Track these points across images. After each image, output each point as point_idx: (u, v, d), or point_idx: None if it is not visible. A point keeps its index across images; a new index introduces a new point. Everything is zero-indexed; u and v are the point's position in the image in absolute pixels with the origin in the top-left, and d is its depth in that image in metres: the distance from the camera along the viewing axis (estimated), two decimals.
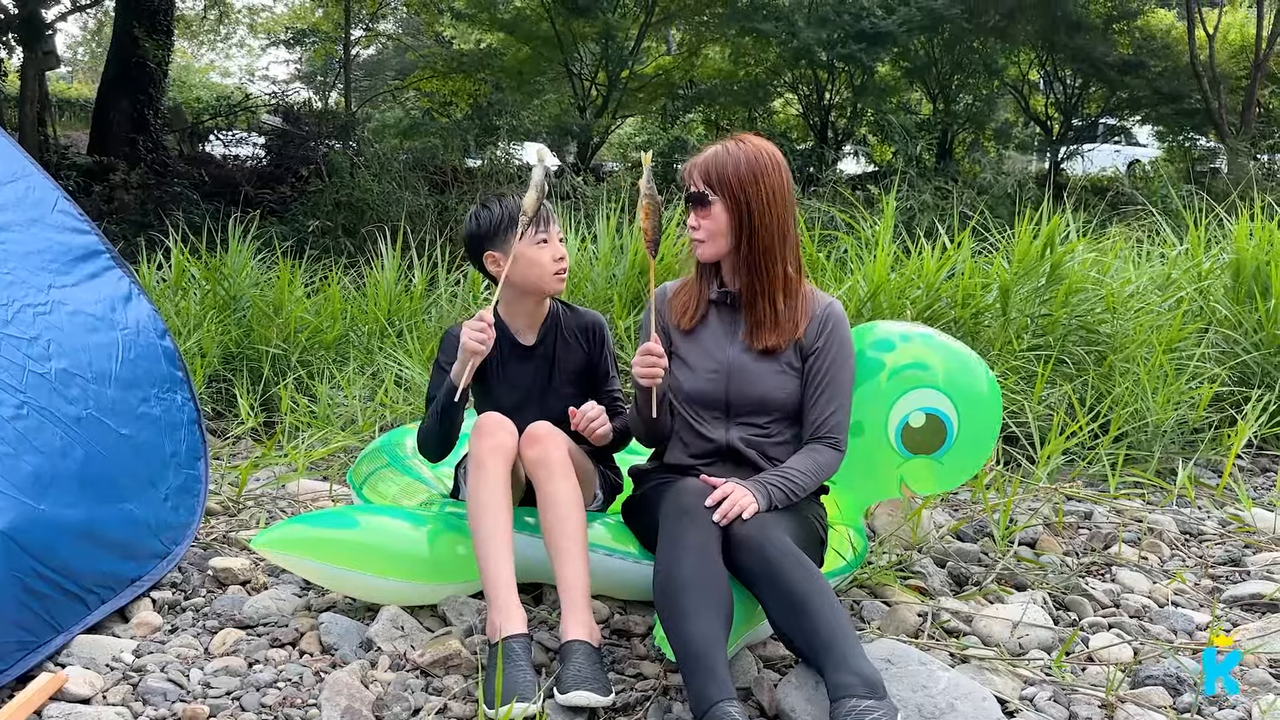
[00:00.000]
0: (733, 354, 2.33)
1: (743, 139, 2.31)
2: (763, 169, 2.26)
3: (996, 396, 2.57)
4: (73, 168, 11.40)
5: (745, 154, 2.26)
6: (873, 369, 2.52)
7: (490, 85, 15.06)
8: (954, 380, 2.50)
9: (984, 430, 2.54)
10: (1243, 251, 4.67)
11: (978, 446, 2.55)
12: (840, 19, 13.38)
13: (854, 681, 1.80)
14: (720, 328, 2.36)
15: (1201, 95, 14.18)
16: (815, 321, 2.33)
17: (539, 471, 2.21)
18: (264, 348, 4.56)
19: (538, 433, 2.25)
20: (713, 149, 2.31)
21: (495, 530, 2.16)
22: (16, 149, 2.83)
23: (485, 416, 2.29)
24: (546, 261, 2.40)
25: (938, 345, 2.58)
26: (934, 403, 2.49)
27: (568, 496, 2.19)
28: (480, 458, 2.21)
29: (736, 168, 2.25)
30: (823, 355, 2.31)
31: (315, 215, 10.08)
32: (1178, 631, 2.47)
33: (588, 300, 4.51)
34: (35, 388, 2.26)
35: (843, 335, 2.34)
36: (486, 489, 2.18)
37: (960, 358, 2.56)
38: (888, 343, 2.57)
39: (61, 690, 1.98)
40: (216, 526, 2.97)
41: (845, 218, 5.35)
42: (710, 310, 2.38)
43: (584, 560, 2.15)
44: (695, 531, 2.02)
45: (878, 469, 2.56)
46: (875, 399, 2.50)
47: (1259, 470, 4.00)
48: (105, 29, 22.66)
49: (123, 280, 2.83)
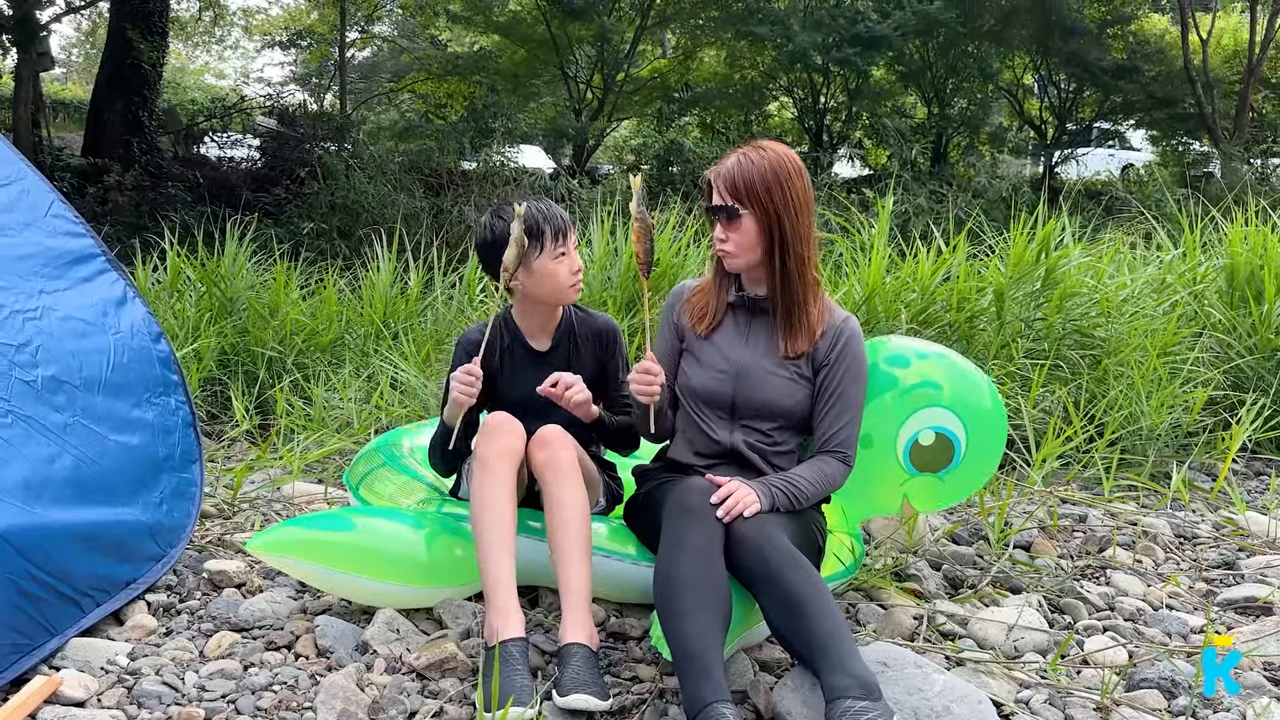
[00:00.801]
0: (744, 356, 2.33)
1: (762, 146, 2.28)
2: (788, 176, 2.25)
3: (1002, 418, 2.58)
4: (67, 169, 11.38)
5: (770, 162, 2.24)
6: (886, 384, 2.52)
7: (486, 88, 15.06)
8: (964, 400, 2.51)
9: (989, 451, 2.56)
10: (1237, 256, 4.68)
11: (981, 467, 2.57)
12: (835, 23, 13.40)
13: (849, 683, 1.81)
14: (735, 330, 2.36)
15: (1195, 100, 14.23)
16: (830, 334, 2.32)
17: (547, 473, 2.21)
18: (260, 350, 4.55)
19: (547, 436, 2.25)
20: (734, 158, 2.28)
21: (499, 532, 2.16)
22: (11, 151, 2.83)
23: (493, 416, 2.28)
24: (564, 275, 2.39)
25: (950, 365, 2.59)
26: (944, 422, 2.49)
27: (574, 499, 2.19)
28: (487, 459, 2.20)
29: (764, 178, 2.23)
30: (835, 369, 2.31)
31: (310, 218, 10.07)
32: (1172, 634, 2.48)
33: (583, 302, 4.49)
34: (21, 396, 2.26)
35: (857, 350, 2.33)
36: (492, 491, 2.18)
37: (970, 379, 2.57)
38: (903, 359, 2.57)
39: (56, 693, 1.97)
40: (212, 529, 2.96)
41: (840, 221, 5.35)
42: (726, 313, 2.38)
43: (587, 564, 2.15)
44: (697, 531, 2.02)
45: (882, 484, 2.57)
46: (886, 415, 2.51)
47: (1253, 474, 4.01)
48: (100, 30, 22.58)
49: (117, 283, 2.83)
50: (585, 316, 2.55)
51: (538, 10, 14.42)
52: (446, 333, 4.69)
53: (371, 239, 5.98)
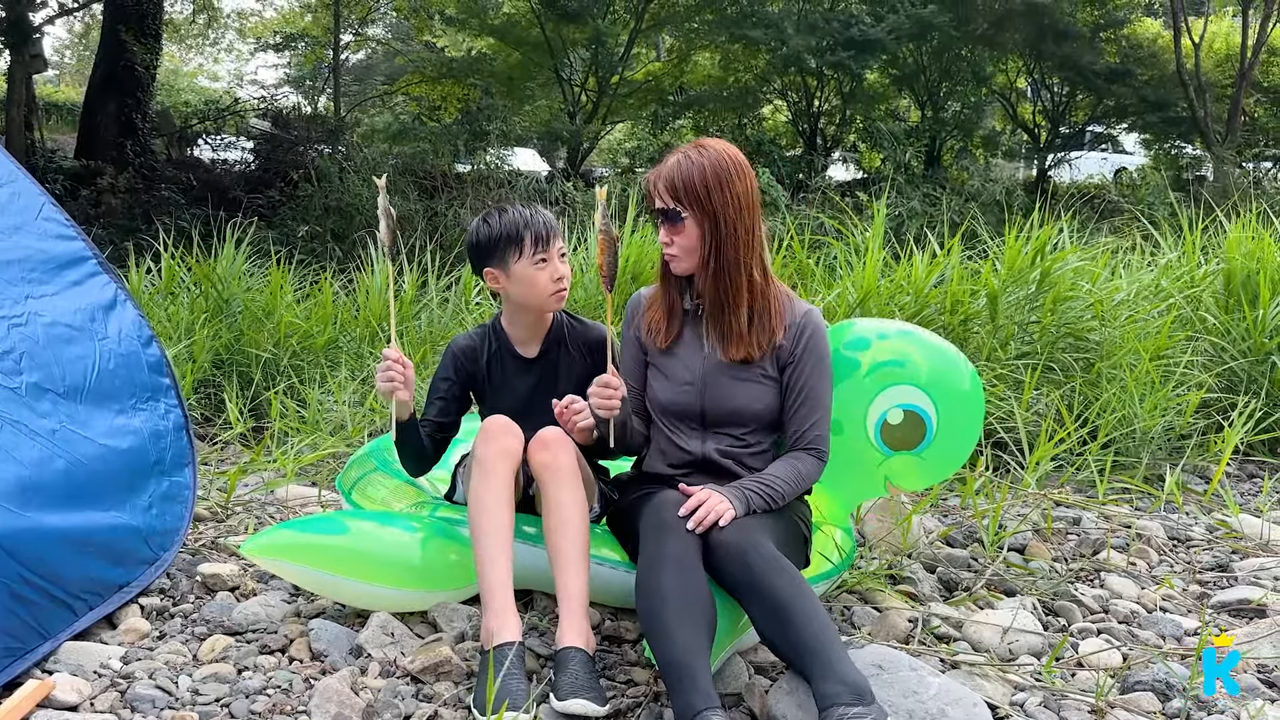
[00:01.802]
0: (707, 366, 2.31)
1: (703, 145, 2.24)
2: (728, 176, 2.20)
3: (977, 388, 2.57)
4: (60, 171, 11.36)
5: (710, 162, 2.20)
6: (849, 368, 2.52)
7: (480, 90, 15.05)
8: (930, 375, 2.51)
9: (965, 423, 2.54)
10: (1233, 260, 4.69)
11: (960, 439, 2.55)
12: (829, 26, 13.43)
13: (840, 690, 1.80)
14: (694, 339, 2.34)
15: (1188, 103, 14.28)
16: (793, 330, 2.30)
17: (546, 475, 2.20)
18: (254, 352, 4.54)
19: (548, 437, 2.24)
20: (674, 159, 2.23)
21: (497, 536, 2.15)
22: (1, 154, 2.82)
23: (492, 420, 2.28)
24: (544, 282, 2.38)
25: (914, 341, 2.59)
26: (911, 399, 2.49)
27: (573, 502, 2.18)
28: (486, 461, 2.20)
29: (703, 178, 2.19)
30: (800, 366, 2.29)
31: (304, 220, 10.06)
32: (1166, 637, 2.48)
33: (578, 306, 4.51)
34: (6, 401, 2.25)
35: (821, 344, 2.31)
36: (491, 493, 2.18)
37: (937, 352, 2.57)
38: (863, 341, 2.57)
39: (49, 697, 1.96)
40: (205, 532, 2.95)
41: (835, 224, 5.36)
42: (684, 322, 2.36)
43: (585, 568, 2.15)
44: (674, 543, 2.02)
45: (860, 468, 2.56)
46: (853, 398, 2.51)
47: (1245, 476, 4.02)
48: (93, 32, 22.56)
49: (108, 286, 2.82)
50: (578, 325, 2.54)
51: (532, 13, 14.42)
52: (441, 336, 4.68)
53: (366, 241, 5.98)
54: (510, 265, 2.37)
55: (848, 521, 2.65)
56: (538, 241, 2.36)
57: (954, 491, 3.50)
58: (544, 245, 2.37)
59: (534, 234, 2.36)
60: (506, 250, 2.37)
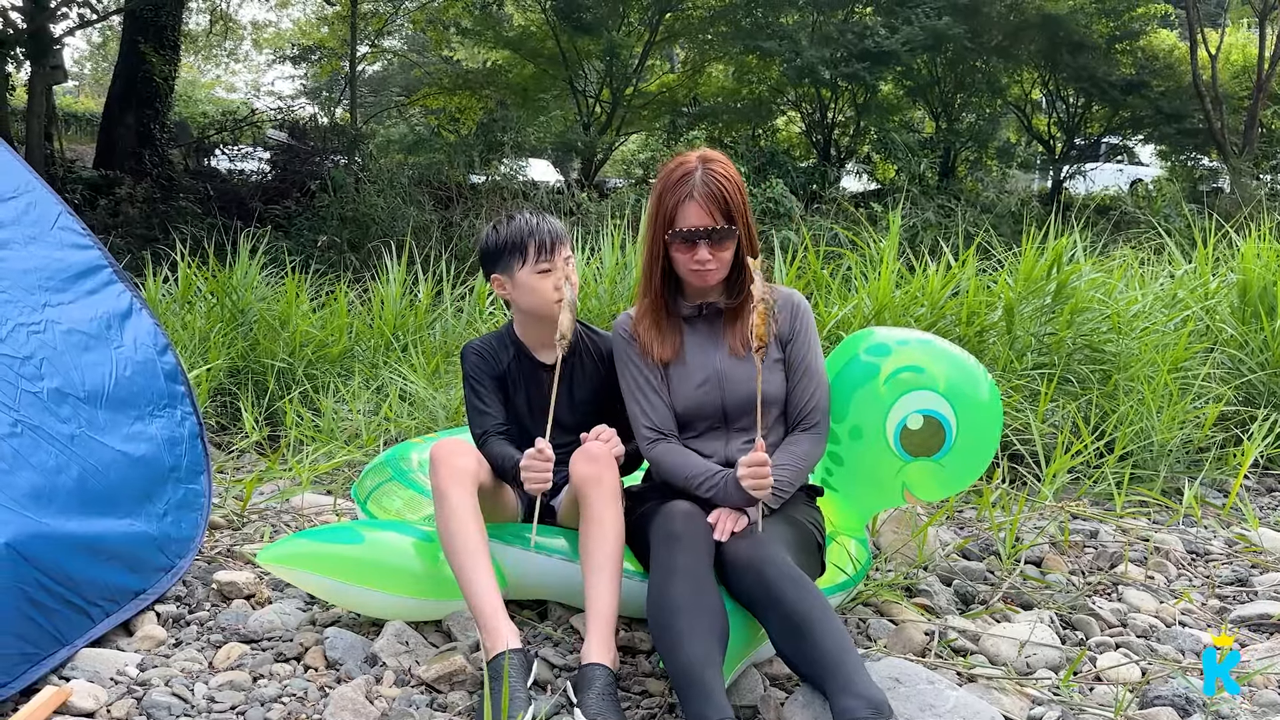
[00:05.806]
0: (720, 362, 2.33)
1: (716, 158, 2.29)
2: (742, 185, 2.29)
3: (995, 398, 2.56)
4: (78, 181, 11.45)
5: (732, 174, 2.28)
6: (869, 374, 2.52)
7: (495, 102, 15.13)
8: (949, 382, 2.50)
9: (984, 432, 2.53)
10: (1250, 271, 4.67)
11: (978, 449, 2.54)
12: (844, 38, 13.43)
13: (858, 705, 1.79)
14: (700, 340, 2.36)
15: (1204, 115, 14.21)
16: (787, 309, 2.37)
17: (589, 489, 2.20)
18: (269, 361, 4.56)
19: (595, 452, 2.24)
20: (704, 176, 2.24)
21: (472, 558, 2.15)
22: (20, 164, 2.85)
23: (440, 445, 2.28)
24: (547, 290, 2.39)
25: (934, 349, 2.59)
26: (931, 404, 2.48)
27: (613, 519, 2.19)
28: (442, 489, 2.21)
29: (737, 191, 2.26)
30: (799, 341, 2.36)
31: (321, 230, 10.11)
32: (1185, 652, 2.46)
33: (592, 315, 4.51)
34: (28, 406, 2.27)
35: (810, 320, 2.40)
36: (455, 519, 2.18)
37: (956, 361, 2.56)
38: (884, 347, 2.57)
39: (66, 703, 1.97)
40: (221, 540, 2.96)
41: (849, 235, 5.35)
42: (684, 328, 2.37)
43: (616, 585, 2.15)
44: (685, 555, 2.03)
45: (879, 475, 2.55)
46: (873, 404, 2.50)
47: (1265, 490, 3.99)
48: (112, 44, 22.76)
49: (124, 295, 2.84)
50: (595, 336, 2.55)
51: (547, 26, 14.49)
52: (455, 345, 4.70)
53: (381, 251, 6.01)
54: (515, 272, 2.40)
55: (863, 532, 2.64)
56: (541, 249, 2.38)
57: (970, 504, 3.48)
58: (548, 253, 2.39)
59: (538, 242, 2.38)
60: (511, 257, 2.39)
